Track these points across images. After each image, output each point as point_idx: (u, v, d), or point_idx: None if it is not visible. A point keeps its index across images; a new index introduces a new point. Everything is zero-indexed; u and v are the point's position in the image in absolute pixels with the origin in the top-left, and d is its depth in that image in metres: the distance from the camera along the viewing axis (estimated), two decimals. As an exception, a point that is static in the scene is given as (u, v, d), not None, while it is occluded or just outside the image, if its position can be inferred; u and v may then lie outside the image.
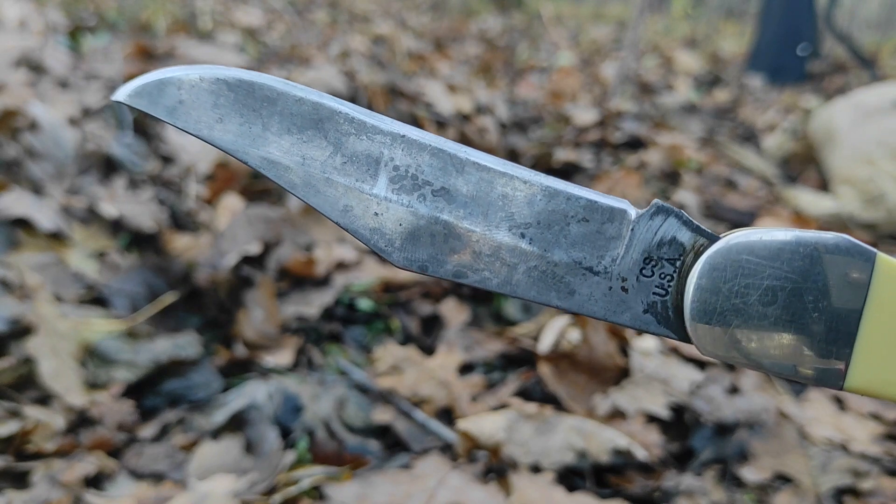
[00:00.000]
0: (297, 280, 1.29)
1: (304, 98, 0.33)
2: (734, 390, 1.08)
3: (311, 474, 0.87)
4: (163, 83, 0.32)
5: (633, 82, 3.52)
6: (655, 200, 0.34)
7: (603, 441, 0.94)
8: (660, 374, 1.09)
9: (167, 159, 1.56)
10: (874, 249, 0.31)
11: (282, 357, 1.11)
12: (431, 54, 3.23)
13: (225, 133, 0.33)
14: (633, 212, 0.34)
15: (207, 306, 1.21)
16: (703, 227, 0.34)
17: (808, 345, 0.32)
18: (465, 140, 1.98)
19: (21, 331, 0.98)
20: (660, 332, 0.35)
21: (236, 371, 1.09)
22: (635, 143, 2.45)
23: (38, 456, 0.87)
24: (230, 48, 2.20)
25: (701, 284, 0.33)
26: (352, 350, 1.17)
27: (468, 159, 0.34)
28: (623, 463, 0.95)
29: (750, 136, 2.99)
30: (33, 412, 0.90)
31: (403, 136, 0.33)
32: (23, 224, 1.19)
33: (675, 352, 1.19)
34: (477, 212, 0.34)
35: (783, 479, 0.96)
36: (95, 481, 0.86)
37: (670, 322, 0.34)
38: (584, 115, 2.69)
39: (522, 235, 0.34)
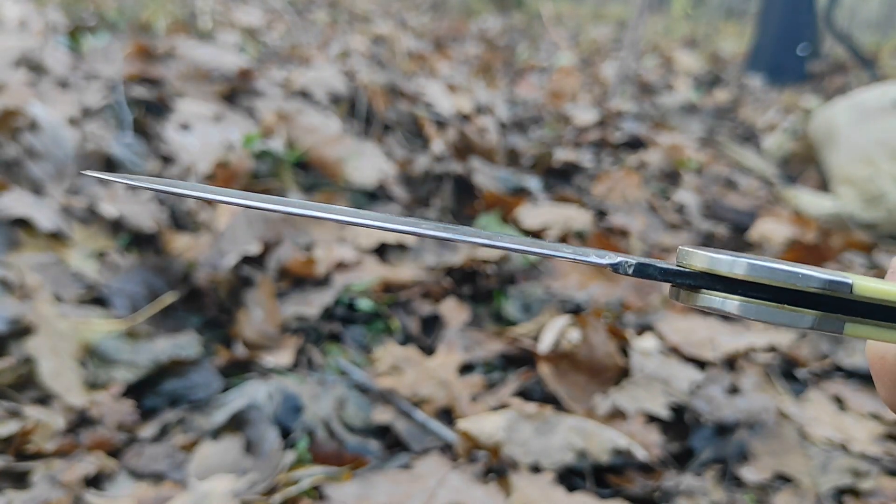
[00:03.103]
0: (297, 280, 1.29)
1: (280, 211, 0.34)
2: (734, 390, 1.08)
3: (311, 474, 0.87)
4: None
5: (633, 82, 3.52)
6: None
7: (603, 441, 0.94)
8: (660, 374, 1.09)
9: (167, 159, 1.56)
10: None
11: (282, 357, 1.11)
12: (431, 54, 3.23)
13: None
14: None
15: (207, 306, 1.21)
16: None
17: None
18: (465, 140, 1.98)
19: (21, 331, 0.98)
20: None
21: (236, 371, 1.09)
22: (635, 143, 2.45)
23: (38, 456, 0.87)
24: (230, 48, 2.20)
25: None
26: (352, 350, 1.17)
27: (455, 238, 0.35)
28: (623, 463, 0.95)
29: (750, 136, 2.99)
30: (33, 412, 0.90)
31: (386, 227, 0.35)
32: (23, 224, 1.19)
33: (675, 352, 1.19)
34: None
35: (783, 479, 0.96)
36: (95, 481, 0.86)
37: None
38: (584, 115, 2.69)
39: None
